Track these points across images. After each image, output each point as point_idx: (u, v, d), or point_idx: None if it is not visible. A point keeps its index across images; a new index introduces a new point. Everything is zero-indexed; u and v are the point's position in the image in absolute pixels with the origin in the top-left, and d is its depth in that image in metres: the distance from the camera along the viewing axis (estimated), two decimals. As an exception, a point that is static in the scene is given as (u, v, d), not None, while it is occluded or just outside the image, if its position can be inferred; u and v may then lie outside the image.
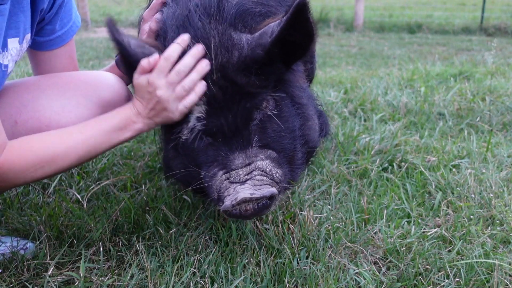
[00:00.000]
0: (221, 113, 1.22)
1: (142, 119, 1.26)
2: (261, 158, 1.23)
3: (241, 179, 1.19)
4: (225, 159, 1.23)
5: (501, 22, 8.69)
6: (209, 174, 1.24)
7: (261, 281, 1.37)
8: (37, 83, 1.37)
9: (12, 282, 1.33)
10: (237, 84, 1.21)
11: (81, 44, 6.82)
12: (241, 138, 1.24)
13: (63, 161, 1.19)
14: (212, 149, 1.26)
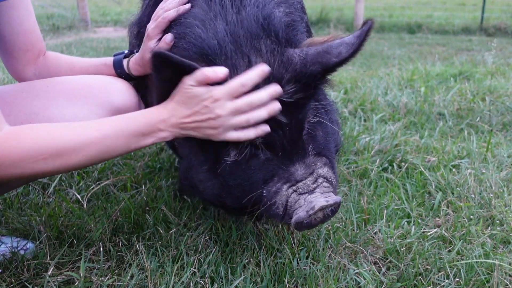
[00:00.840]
0: (278, 126, 1.21)
1: (173, 128, 1.14)
2: (320, 166, 1.25)
3: (310, 189, 1.20)
4: (286, 172, 1.22)
5: (501, 22, 8.68)
6: (272, 190, 1.22)
7: (261, 281, 1.38)
8: (46, 89, 1.34)
9: (12, 282, 1.33)
10: (292, 98, 1.20)
11: (81, 44, 6.82)
12: (298, 149, 1.24)
13: (70, 157, 1.06)
14: (270, 164, 1.23)
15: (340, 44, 1.21)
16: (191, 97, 1.11)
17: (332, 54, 1.20)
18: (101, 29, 9.04)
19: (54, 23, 8.50)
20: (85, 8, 9.06)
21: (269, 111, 1.14)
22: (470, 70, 4.03)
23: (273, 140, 1.21)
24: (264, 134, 1.19)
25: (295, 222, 1.16)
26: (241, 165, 1.24)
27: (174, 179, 2.04)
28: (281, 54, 1.19)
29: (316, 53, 1.20)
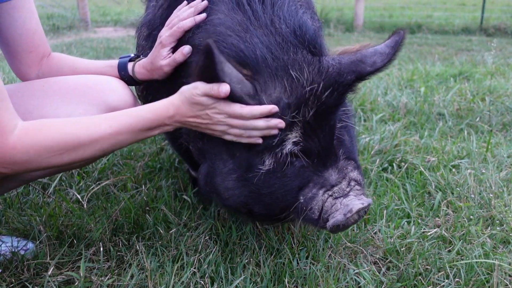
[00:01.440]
0: (314, 134, 1.24)
1: (176, 123, 1.23)
2: (351, 169, 1.30)
3: (345, 192, 1.24)
4: (321, 177, 1.26)
5: (501, 23, 8.68)
6: (308, 196, 1.25)
7: (261, 281, 1.38)
8: (42, 89, 1.35)
9: (12, 282, 1.34)
10: (326, 105, 1.22)
11: (81, 44, 6.82)
12: (331, 154, 1.28)
13: (84, 151, 1.14)
14: (306, 171, 1.25)
15: (374, 54, 1.24)
16: (196, 103, 1.19)
17: (366, 63, 1.24)
18: (101, 29, 9.04)
19: (54, 23, 8.50)
20: (85, 8, 9.06)
21: (263, 133, 1.22)
22: (470, 70, 4.04)
23: (309, 147, 1.24)
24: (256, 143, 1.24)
25: (333, 225, 1.20)
26: (276, 173, 1.25)
27: (174, 179, 2.04)
28: (317, 63, 1.22)
29: (350, 62, 1.24)
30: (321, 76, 1.20)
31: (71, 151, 1.12)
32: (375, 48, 1.25)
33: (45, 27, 8.04)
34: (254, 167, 1.26)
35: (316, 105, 1.20)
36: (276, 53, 1.21)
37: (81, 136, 1.13)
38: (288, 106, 1.19)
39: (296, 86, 1.19)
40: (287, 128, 1.21)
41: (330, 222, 1.21)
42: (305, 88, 1.19)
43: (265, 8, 1.27)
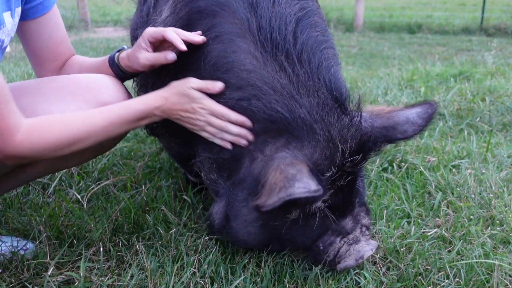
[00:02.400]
0: (341, 192, 1.28)
1: (163, 114, 1.32)
2: (363, 216, 1.37)
3: (357, 239, 1.33)
4: (339, 226, 1.33)
5: (501, 23, 8.68)
6: (326, 243, 1.34)
7: (261, 281, 1.38)
8: (37, 86, 1.37)
9: (12, 282, 1.33)
10: (357, 166, 1.26)
11: (81, 44, 6.82)
12: (349, 204, 1.34)
13: (82, 144, 1.24)
14: (326, 221, 1.30)
15: (406, 122, 1.29)
16: (186, 95, 1.31)
17: (397, 130, 1.28)
18: (101, 29, 9.04)
19: (54, 23, 8.49)
20: (85, 8, 9.06)
21: (234, 139, 1.32)
22: (470, 70, 4.03)
23: (335, 203, 1.28)
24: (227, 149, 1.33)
25: (345, 268, 1.32)
26: (300, 222, 1.30)
27: (174, 179, 2.04)
28: (350, 124, 1.23)
29: (382, 127, 1.28)
30: (357, 142, 1.23)
31: (71, 144, 1.22)
32: (407, 116, 1.28)
33: (45, 27, 8.05)
34: (281, 216, 1.28)
35: (351, 170, 1.24)
36: (320, 121, 1.22)
37: (79, 130, 1.23)
38: (332, 174, 1.21)
39: (340, 157, 1.21)
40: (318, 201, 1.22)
41: (342, 265, 1.32)
42: (346, 158, 1.21)
43: (304, 69, 1.25)
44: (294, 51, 1.25)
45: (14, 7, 1.27)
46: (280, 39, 1.25)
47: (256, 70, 1.26)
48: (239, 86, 1.28)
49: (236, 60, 1.27)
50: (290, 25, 1.27)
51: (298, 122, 1.22)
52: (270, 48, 1.25)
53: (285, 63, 1.25)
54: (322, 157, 1.22)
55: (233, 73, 1.28)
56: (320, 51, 1.29)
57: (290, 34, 1.26)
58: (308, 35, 1.28)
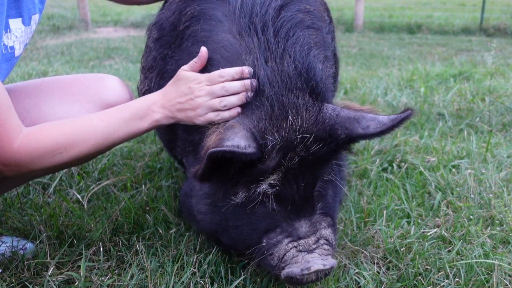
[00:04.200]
0: (294, 181, 1.20)
1: (163, 110, 1.25)
2: (324, 226, 1.25)
3: (310, 248, 1.20)
4: (290, 226, 1.22)
5: (501, 23, 8.68)
6: (272, 241, 1.22)
7: (261, 281, 1.38)
8: (39, 88, 1.37)
9: (12, 281, 1.34)
10: (314, 156, 1.19)
11: (81, 45, 6.82)
12: (307, 205, 1.23)
13: (80, 147, 1.20)
14: (276, 215, 1.22)
15: (372, 119, 1.21)
16: (181, 78, 1.25)
17: (360, 124, 1.20)
18: (101, 29, 9.04)
19: (55, 23, 8.50)
20: (85, 8, 9.05)
21: (240, 99, 1.22)
22: (470, 71, 4.04)
23: (285, 193, 1.20)
24: (236, 115, 1.22)
25: (287, 276, 1.17)
26: (246, 209, 1.23)
27: (174, 179, 2.04)
28: (316, 111, 1.19)
29: (346, 118, 1.21)
30: (316, 126, 1.17)
31: (69, 148, 1.18)
32: (376, 116, 1.22)
33: (45, 27, 8.06)
34: (227, 196, 1.24)
35: (304, 154, 1.17)
36: (278, 91, 1.18)
37: (77, 133, 1.19)
38: (276, 148, 1.15)
39: (288, 130, 1.15)
40: (268, 168, 1.17)
41: (285, 271, 1.18)
42: (296, 135, 1.15)
43: (278, 41, 1.23)
44: (272, 24, 1.24)
45: (28, 14, 1.26)
46: (260, 12, 1.25)
47: (231, 43, 1.26)
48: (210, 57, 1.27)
49: (212, 35, 1.30)
50: (275, 2, 1.27)
51: (253, 84, 1.20)
52: (248, 20, 1.25)
53: (260, 32, 1.24)
54: (268, 126, 1.16)
55: (207, 46, 1.27)
56: (302, 32, 1.26)
57: (272, 10, 1.26)
58: (292, 16, 1.27)
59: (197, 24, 1.34)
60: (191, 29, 1.35)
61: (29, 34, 1.30)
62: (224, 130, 1.15)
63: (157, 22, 1.57)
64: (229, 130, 1.15)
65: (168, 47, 1.44)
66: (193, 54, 1.29)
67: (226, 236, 1.30)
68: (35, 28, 1.33)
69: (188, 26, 1.36)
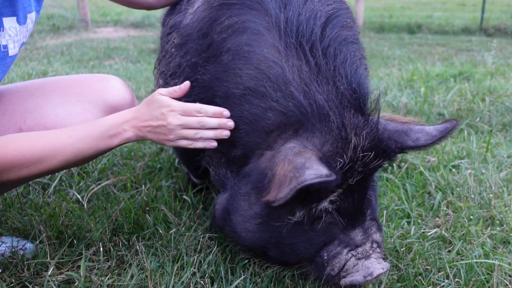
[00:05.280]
0: (351, 195, 1.22)
1: (134, 129, 1.23)
2: (374, 231, 1.28)
3: (367, 254, 1.24)
4: (347, 236, 1.24)
5: (501, 23, 8.68)
6: (331, 253, 1.24)
7: (261, 281, 1.38)
8: (41, 88, 1.36)
9: (12, 281, 1.34)
10: (370, 169, 1.21)
11: (81, 45, 6.82)
12: (360, 214, 1.26)
13: (48, 162, 1.18)
14: (333, 228, 1.24)
15: (420, 131, 1.24)
16: (155, 101, 1.23)
17: (410, 137, 1.23)
18: (101, 29, 9.04)
19: (54, 23, 8.51)
20: (85, 8, 9.06)
21: (216, 134, 1.26)
22: (470, 71, 4.04)
23: (344, 207, 1.22)
24: (211, 147, 1.27)
25: (350, 284, 1.21)
26: (304, 226, 1.23)
27: (174, 179, 2.04)
28: (368, 126, 1.20)
29: (394, 131, 1.23)
30: (374, 143, 1.19)
31: (36, 163, 1.16)
32: (423, 127, 1.24)
33: (45, 27, 8.07)
34: (283, 216, 1.22)
35: (362, 170, 1.19)
36: (337, 112, 1.19)
37: (45, 148, 1.17)
38: (344, 169, 1.16)
39: (352, 149, 1.17)
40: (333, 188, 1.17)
41: (347, 279, 1.21)
42: (359, 153, 1.17)
43: (327, 62, 1.23)
44: (320, 44, 1.24)
45: (23, 13, 1.24)
46: (307, 32, 1.24)
47: (276, 61, 1.23)
48: (255, 76, 1.25)
49: (256, 50, 1.26)
50: (319, 20, 1.26)
51: (313, 108, 1.19)
52: (294, 40, 1.24)
53: (308, 54, 1.23)
54: (333, 148, 1.18)
55: (251, 62, 1.25)
56: (347, 48, 1.27)
57: (318, 28, 1.25)
58: (337, 33, 1.27)
59: (238, 37, 1.29)
60: (231, 42, 1.30)
61: (26, 33, 1.29)
62: (294, 156, 1.14)
63: (176, 26, 1.53)
64: (300, 156, 1.13)
65: (198, 56, 1.38)
66: (234, 71, 1.27)
67: (277, 252, 1.29)
68: (32, 27, 1.31)
69: (226, 38, 1.31)
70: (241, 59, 1.27)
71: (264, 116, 1.24)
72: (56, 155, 1.17)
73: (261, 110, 1.24)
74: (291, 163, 1.12)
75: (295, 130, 1.21)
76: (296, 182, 1.06)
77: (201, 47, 1.36)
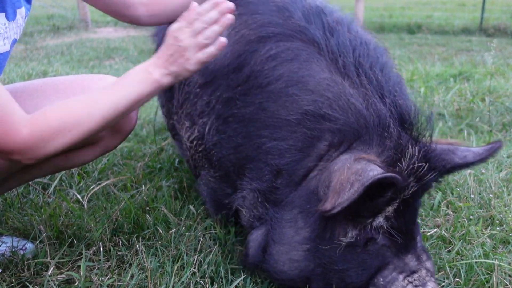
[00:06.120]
0: (403, 213, 1.20)
1: (158, 68, 1.24)
2: (426, 259, 1.24)
3: (424, 282, 1.19)
4: (401, 261, 1.20)
5: (501, 23, 8.68)
6: (387, 279, 1.19)
7: (261, 281, 1.38)
8: (39, 89, 1.37)
9: (12, 281, 1.34)
10: (423, 184, 1.21)
11: (81, 45, 6.82)
12: (412, 238, 1.23)
13: (88, 122, 1.19)
14: (387, 251, 1.20)
15: (467, 151, 1.27)
16: (167, 35, 1.25)
17: (457, 155, 1.26)
18: (101, 29, 9.04)
19: (55, 24, 8.50)
20: (85, 8, 9.05)
21: (221, 24, 1.24)
22: (470, 71, 4.04)
23: (397, 226, 1.19)
24: (222, 46, 1.24)
25: None
26: (357, 248, 1.19)
27: (174, 179, 2.04)
28: (420, 145, 1.22)
29: (442, 149, 1.26)
30: (425, 155, 1.20)
31: (77, 125, 1.17)
32: (469, 147, 1.28)
33: (45, 27, 8.07)
34: (334, 238, 1.18)
35: (416, 184, 1.18)
36: (396, 124, 1.23)
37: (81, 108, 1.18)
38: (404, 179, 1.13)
39: (409, 159, 1.17)
40: (387, 201, 1.16)
41: None
42: (414, 163, 1.17)
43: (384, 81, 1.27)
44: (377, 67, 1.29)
45: (12, 8, 1.23)
46: (363, 56, 1.28)
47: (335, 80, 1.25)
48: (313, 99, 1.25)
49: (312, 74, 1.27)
50: (368, 47, 1.32)
51: (374, 119, 1.20)
52: (351, 63, 1.27)
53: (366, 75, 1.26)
54: (390, 157, 1.19)
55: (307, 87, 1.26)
56: (394, 72, 1.35)
57: (372, 53, 1.30)
58: (386, 60, 1.34)
59: (288, 65, 1.29)
60: (282, 69, 1.29)
61: (17, 29, 1.28)
62: (353, 163, 1.13)
63: None
64: (360, 162, 1.13)
65: (231, 90, 1.36)
66: (289, 97, 1.27)
67: (323, 282, 1.23)
68: (23, 22, 1.30)
69: (275, 66, 1.30)
70: (297, 84, 1.27)
71: (321, 137, 1.23)
72: (93, 113, 1.19)
73: (317, 132, 1.23)
74: (350, 169, 1.11)
75: (349, 144, 1.22)
76: (360, 183, 1.05)
77: (236, 81, 1.34)
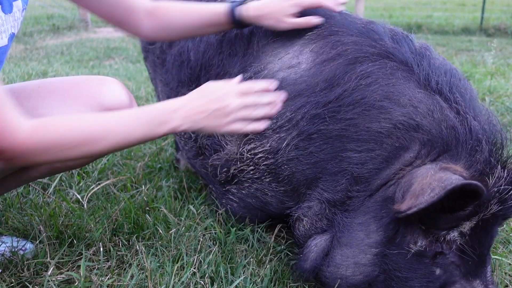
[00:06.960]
0: (479, 234, 1.17)
1: (185, 119, 1.21)
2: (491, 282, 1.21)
3: None
4: (469, 284, 1.17)
5: (501, 23, 8.68)
6: None
7: (261, 281, 1.38)
8: (37, 90, 1.36)
9: (12, 281, 1.34)
10: (504, 207, 1.16)
11: (81, 45, 6.82)
12: (483, 264, 1.19)
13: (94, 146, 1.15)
14: (456, 269, 1.17)
15: None
16: (210, 86, 1.25)
17: None
18: (101, 29, 9.04)
19: (54, 24, 8.51)
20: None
21: (266, 112, 1.29)
22: (470, 71, 4.04)
23: (470, 245, 1.16)
24: (264, 128, 1.30)
25: None
26: (425, 259, 1.17)
27: (174, 179, 2.04)
28: (507, 159, 1.20)
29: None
30: (510, 184, 1.16)
31: (80, 145, 1.14)
32: None
33: (45, 27, 8.07)
34: (403, 244, 1.17)
35: (497, 206, 1.14)
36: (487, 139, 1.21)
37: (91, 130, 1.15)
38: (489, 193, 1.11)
39: (493, 177, 1.14)
40: (466, 215, 1.13)
41: None
42: (499, 185, 1.13)
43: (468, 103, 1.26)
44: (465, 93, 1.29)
45: (8, 1, 1.21)
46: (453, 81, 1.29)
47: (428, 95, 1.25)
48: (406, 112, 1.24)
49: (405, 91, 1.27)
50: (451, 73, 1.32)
51: (466, 133, 1.20)
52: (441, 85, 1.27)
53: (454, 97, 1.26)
54: (476, 175, 1.16)
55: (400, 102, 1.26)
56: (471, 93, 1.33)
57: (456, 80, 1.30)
58: (467, 85, 1.33)
59: (383, 81, 1.30)
60: (376, 85, 1.29)
61: (14, 22, 1.26)
62: (438, 171, 1.12)
63: None
64: (445, 171, 1.12)
65: (320, 108, 1.33)
66: (385, 109, 1.26)
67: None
68: (20, 16, 1.28)
69: (369, 83, 1.30)
70: (391, 98, 1.27)
71: (408, 148, 1.22)
72: (102, 139, 1.15)
73: (406, 142, 1.22)
74: (434, 176, 1.09)
75: (437, 156, 1.20)
76: (441, 187, 1.03)
77: (326, 99, 1.33)
